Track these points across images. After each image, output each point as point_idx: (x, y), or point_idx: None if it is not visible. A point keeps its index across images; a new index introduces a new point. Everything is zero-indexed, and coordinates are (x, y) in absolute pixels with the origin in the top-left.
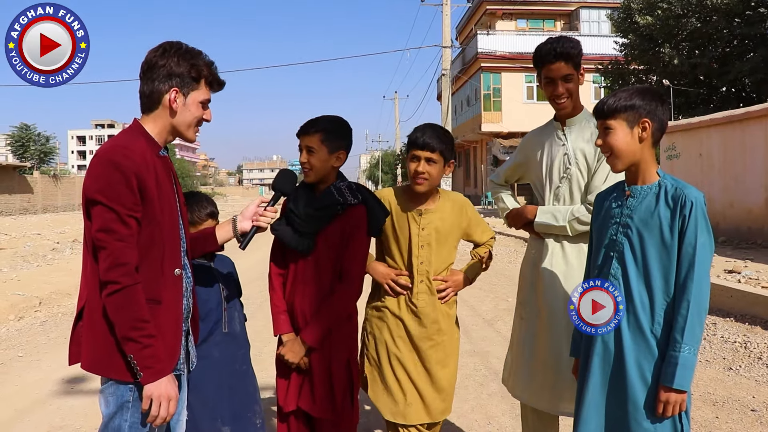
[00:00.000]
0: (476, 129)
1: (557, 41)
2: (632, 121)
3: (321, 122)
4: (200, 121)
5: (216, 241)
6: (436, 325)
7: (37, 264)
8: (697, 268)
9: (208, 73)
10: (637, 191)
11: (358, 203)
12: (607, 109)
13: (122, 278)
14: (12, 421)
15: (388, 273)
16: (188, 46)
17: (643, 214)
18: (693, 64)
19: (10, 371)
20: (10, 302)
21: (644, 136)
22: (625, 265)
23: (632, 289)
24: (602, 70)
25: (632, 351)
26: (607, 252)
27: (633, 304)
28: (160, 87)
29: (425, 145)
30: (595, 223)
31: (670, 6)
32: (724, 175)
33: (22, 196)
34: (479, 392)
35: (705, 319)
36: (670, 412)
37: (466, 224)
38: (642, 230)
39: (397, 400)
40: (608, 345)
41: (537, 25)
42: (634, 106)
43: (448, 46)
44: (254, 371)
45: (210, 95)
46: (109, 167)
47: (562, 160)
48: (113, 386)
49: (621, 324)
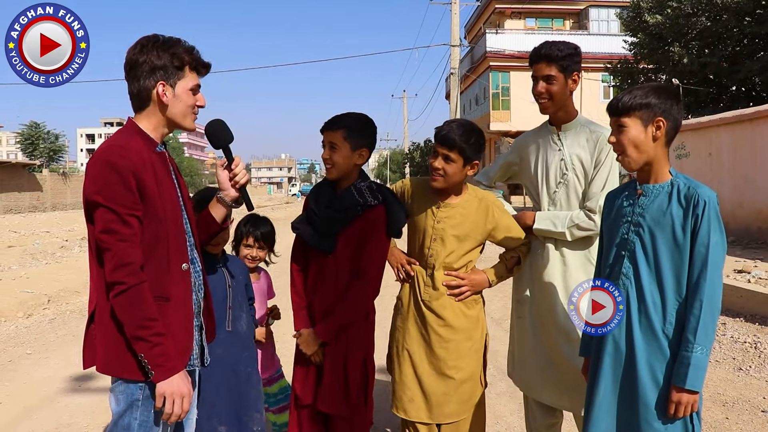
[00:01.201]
0: (485, 128)
1: (546, 44)
2: (647, 119)
3: (345, 119)
4: (194, 107)
5: (215, 220)
6: (443, 320)
7: (45, 262)
8: (710, 268)
9: (190, 59)
10: (650, 190)
11: (378, 204)
12: (622, 107)
13: (127, 278)
14: (20, 418)
15: (400, 258)
16: (165, 36)
17: (655, 213)
18: (703, 63)
19: (18, 368)
20: (18, 300)
21: (658, 135)
22: (636, 264)
23: (644, 288)
24: (611, 69)
25: (644, 351)
26: (619, 251)
27: (645, 304)
28: (147, 83)
29: (444, 140)
30: (606, 222)
31: (680, 5)
32: (734, 175)
33: (31, 194)
34: (487, 391)
35: (717, 319)
36: (682, 412)
37: (491, 226)
38: (654, 229)
39: (400, 394)
40: (619, 345)
41: (546, 24)
42: (649, 105)
43: (457, 44)
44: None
45: (198, 80)
46: (105, 168)
47: (558, 166)
48: (123, 384)
49: (632, 324)
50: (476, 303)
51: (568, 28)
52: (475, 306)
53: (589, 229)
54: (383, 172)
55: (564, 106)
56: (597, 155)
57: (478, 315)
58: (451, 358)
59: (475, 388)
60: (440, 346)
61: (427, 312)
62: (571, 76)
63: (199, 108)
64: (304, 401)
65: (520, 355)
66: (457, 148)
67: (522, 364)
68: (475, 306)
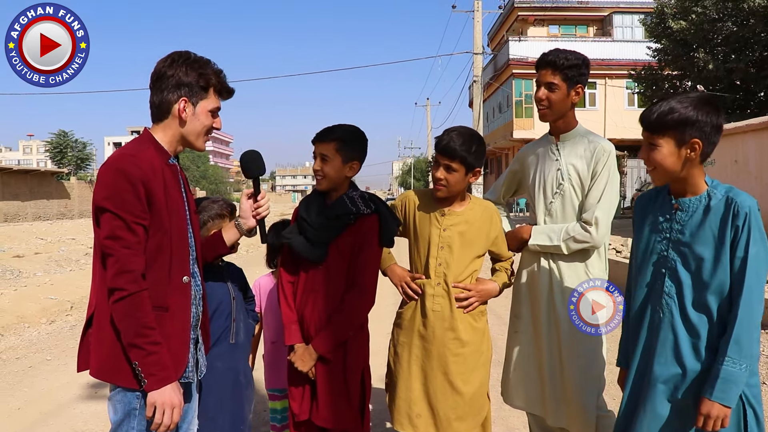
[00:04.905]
0: (508, 136)
1: (554, 51)
2: (681, 140)
3: (337, 131)
4: (210, 129)
5: (224, 243)
6: (453, 332)
7: (70, 269)
8: (748, 280)
9: (217, 81)
10: (686, 204)
11: (371, 213)
12: (656, 123)
13: (128, 285)
14: (36, 424)
15: (403, 276)
16: (197, 55)
17: (695, 228)
18: (729, 68)
19: (38, 374)
20: (42, 306)
21: (692, 157)
22: (680, 282)
23: (686, 306)
24: (635, 76)
25: (691, 370)
26: (657, 269)
27: (690, 322)
28: (170, 97)
29: (445, 150)
30: (639, 233)
31: (705, 10)
32: (761, 182)
33: (59, 201)
34: (500, 403)
35: (757, 333)
36: (711, 426)
37: (495, 234)
38: (695, 245)
39: (406, 410)
40: (667, 364)
41: (569, 31)
42: (686, 123)
43: (480, 52)
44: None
45: (219, 103)
46: (116, 175)
47: (555, 176)
48: (121, 393)
49: (679, 341)
50: (482, 315)
51: (592, 35)
52: (481, 318)
53: (585, 242)
54: (407, 180)
55: (564, 116)
56: (594, 166)
57: (484, 328)
58: (460, 371)
59: (484, 403)
60: (451, 359)
61: (437, 324)
62: (575, 87)
63: (215, 130)
64: (300, 417)
65: (518, 374)
66: (459, 158)
67: (519, 383)
68: (482, 318)
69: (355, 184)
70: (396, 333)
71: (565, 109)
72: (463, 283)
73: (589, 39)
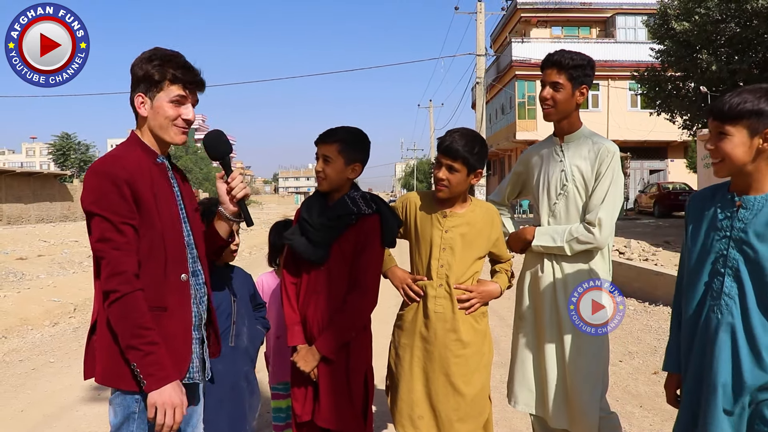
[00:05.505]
0: (511, 137)
1: (560, 51)
2: (754, 130)
3: (340, 132)
4: (177, 120)
5: (219, 234)
6: (455, 334)
7: (73, 271)
8: None
9: (173, 72)
10: (751, 202)
11: (372, 213)
12: (729, 111)
13: (121, 286)
14: (39, 426)
15: (404, 278)
16: (162, 50)
17: (760, 227)
18: (732, 70)
19: (41, 376)
20: (45, 308)
21: (765, 148)
22: (742, 283)
23: (749, 308)
24: (639, 78)
25: (751, 375)
26: (716, 268)
27: (751, 325)
28: (132, 96)
29: (447, 151)
30: (696, 231)
31: (708, 11)
32: None
33: (62, 203)
34: (504, 404)
35: None
36: None
37: (495, 236)
38: (758, 245)
39: (408, 412)
40: (722, 367)
41: (572, 32)
42: (761, 113)
43: (482, 54)
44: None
45: (182, 91)
46: (100, 178)
47: (559, 177)
48: (120, 396)
49: (739, 346)
50: (484, 316)
51: (595, 37)
52: (482, 320)
53: (588, 243)
54: (410, 182)
55: (568, 116)
56: (598, 167)
57: (485, 329)
58: (461, 373)
59: (485, 404)
60: (452, 361)
61: (439, 326)
62: (580, 88)
63: (186, 122)
64: (303, 418)
65: (523, 376)
66: (461, 159)
67: (523, 385)
68: (483, 320)
69: (356, 184)
70: (397, 335)
71: (570, 109)
72: (464, 284)
73: (592, 40)
